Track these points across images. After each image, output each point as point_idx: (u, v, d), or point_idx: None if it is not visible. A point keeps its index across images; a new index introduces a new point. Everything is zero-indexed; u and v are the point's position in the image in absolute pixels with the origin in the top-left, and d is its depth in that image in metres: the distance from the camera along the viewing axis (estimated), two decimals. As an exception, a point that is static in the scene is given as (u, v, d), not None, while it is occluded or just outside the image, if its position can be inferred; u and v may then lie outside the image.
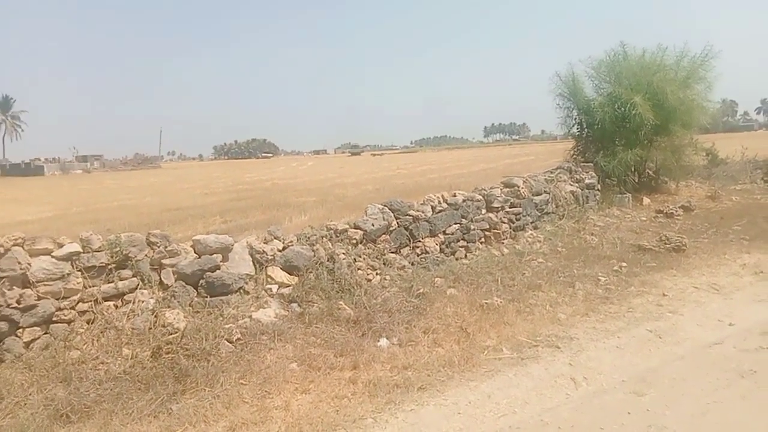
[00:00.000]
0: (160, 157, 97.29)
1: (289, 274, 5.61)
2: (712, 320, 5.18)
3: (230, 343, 4.64)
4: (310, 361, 4.45)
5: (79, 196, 26.10)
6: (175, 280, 5.08)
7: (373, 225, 6.40)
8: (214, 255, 5.28)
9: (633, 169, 11.65)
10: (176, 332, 4.63)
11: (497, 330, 5.08)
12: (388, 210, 6.67)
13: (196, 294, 5.11)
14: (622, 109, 10.76)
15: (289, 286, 5.50)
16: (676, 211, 10.05)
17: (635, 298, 5.93)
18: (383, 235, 6.53)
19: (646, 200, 11.26)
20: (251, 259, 5.54)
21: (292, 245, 5.82)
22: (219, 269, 5.24)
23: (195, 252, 5.30)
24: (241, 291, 5.29)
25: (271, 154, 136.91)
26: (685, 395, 3.72)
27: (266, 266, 5.56)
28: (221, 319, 4.94)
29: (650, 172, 12.26)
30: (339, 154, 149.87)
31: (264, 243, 5.78)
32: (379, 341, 4.86)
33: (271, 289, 5.40)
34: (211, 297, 5.11)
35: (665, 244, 7.66)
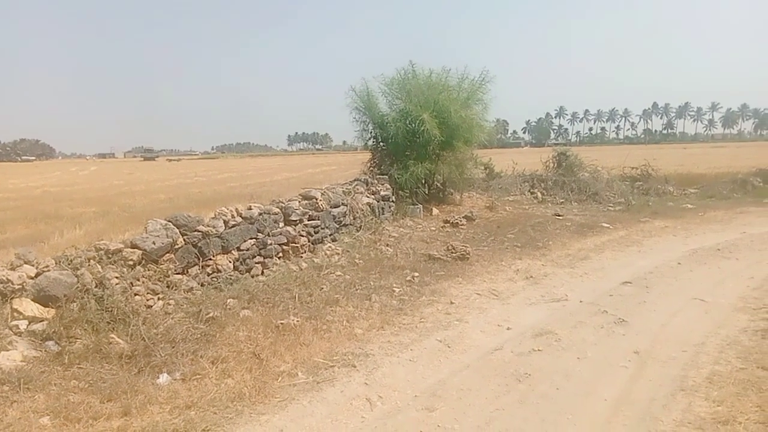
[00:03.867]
0: None
1: (43, 305, 4.65)
2: (493, 326, 5.55)
3: (-46, 400, 3.65)
4: (68, 412, 3.68)
5: None
6: None
7: (154, 243, 5.67)
8: (-66, 288, 4.15)
9: (423, 182, 12.37)
10: None
11: (293, 352, 4.81)
12: (172, 226, 5.98)
13: None
14: (413, 124, 11.37)
15: (44, 320, 4.55)
16: (461, 221, 10.88)
17: (426, 307, 6.14)
18: (167, 254, 5.83)
19: (436, 211, 12.05)
20: (-9, 290, 4.48)
21: (49, 270, 4.85)
22: (-59, 306, 4.13)
23: None
24: (-25, 331, 4.23)
25: (34, 157, 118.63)
26: (472, 405, 3.84)
27: (12, 298, 4.55)
28: (-57, 370, 3.88)
29: (438, 185, 13.15)
30: (130, 158, 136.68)
31: (10, 269, 4.73)
32: (158, 378, 4.25)
33: (18, 326, 4.41)
34: (-72, 342, 4.00)
35: (452, 253, 8.17)
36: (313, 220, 8.20)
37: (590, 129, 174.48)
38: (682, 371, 4.29)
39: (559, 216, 12.21)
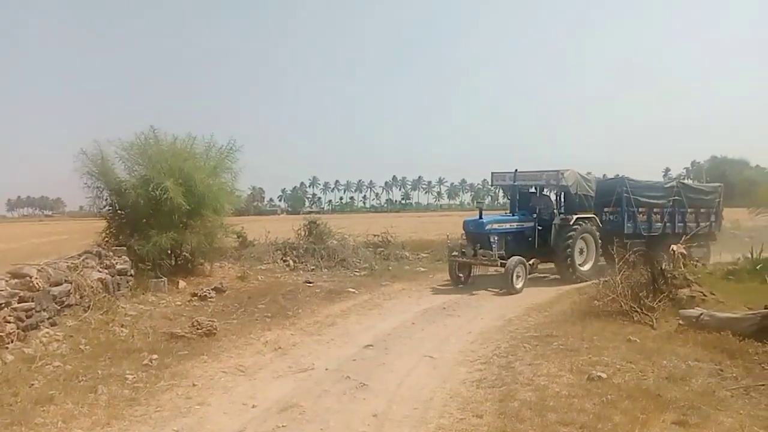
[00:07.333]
0: None
1: None
2: (238, 405, 5.27)
3: None
4: None
5: None
6: None
7: None
8: None
9: (169, 253, 11.59)
10: None
11: (-18, 473, 3.86)
12: None
13: None
14: (156, 192, 10.67)
15: None
16: (210, 293, 10.41)
17: (164, 393, 5.58)
18: None
19: (182, 283, 11.33)
20: None
21: None
22: None
23: None
24: None
25: None
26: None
27: None
28: None
29: (186, 255, 12.45)
30: None
31: None
32: None
33: None
34: None
35: (197, 329, 7.68)
36: (26, 302, 6.93)
37: (341, 198, 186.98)
38: (413, 429, 4.60)
39: (309, 283, 12.51)
